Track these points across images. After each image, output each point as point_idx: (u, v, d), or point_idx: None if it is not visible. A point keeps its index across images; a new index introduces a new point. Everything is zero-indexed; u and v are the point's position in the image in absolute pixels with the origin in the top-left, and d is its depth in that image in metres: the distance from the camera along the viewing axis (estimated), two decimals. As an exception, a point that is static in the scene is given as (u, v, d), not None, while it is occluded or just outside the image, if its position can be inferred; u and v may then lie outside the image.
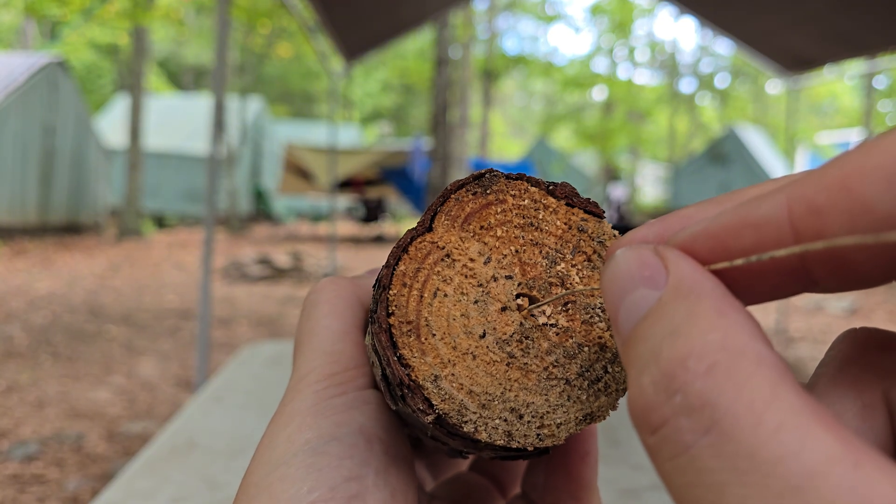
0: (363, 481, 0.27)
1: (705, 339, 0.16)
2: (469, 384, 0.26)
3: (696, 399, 0.15)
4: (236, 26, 15.19)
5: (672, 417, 0.16)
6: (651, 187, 29.39)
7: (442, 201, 0.27)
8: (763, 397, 0.15)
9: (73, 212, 11.62)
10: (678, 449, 0.15)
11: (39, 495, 2.48)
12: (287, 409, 0.30)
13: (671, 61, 23.37)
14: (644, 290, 0.19)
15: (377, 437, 0.29)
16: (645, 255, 0.20)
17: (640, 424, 0.17)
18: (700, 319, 0.17)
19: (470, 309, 0.26)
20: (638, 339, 0.18)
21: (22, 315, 5.35)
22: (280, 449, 0.28)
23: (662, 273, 0.19)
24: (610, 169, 20.04)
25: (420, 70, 15.80)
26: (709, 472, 0.15)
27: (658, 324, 0.18)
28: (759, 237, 0.19)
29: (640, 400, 0.17)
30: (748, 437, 0.14)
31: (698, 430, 0.15)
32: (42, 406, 3.38)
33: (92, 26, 14.62)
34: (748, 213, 0.19)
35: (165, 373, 3.99)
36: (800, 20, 4.26)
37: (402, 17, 5.22)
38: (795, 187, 0.18)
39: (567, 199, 0.28)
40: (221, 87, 2.99)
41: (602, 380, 0.27)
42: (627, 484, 1.14)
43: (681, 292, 0.18)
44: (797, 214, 0.18)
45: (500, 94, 28.28)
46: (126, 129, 12.23)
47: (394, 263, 0.27)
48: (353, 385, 0.31)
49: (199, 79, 28.11)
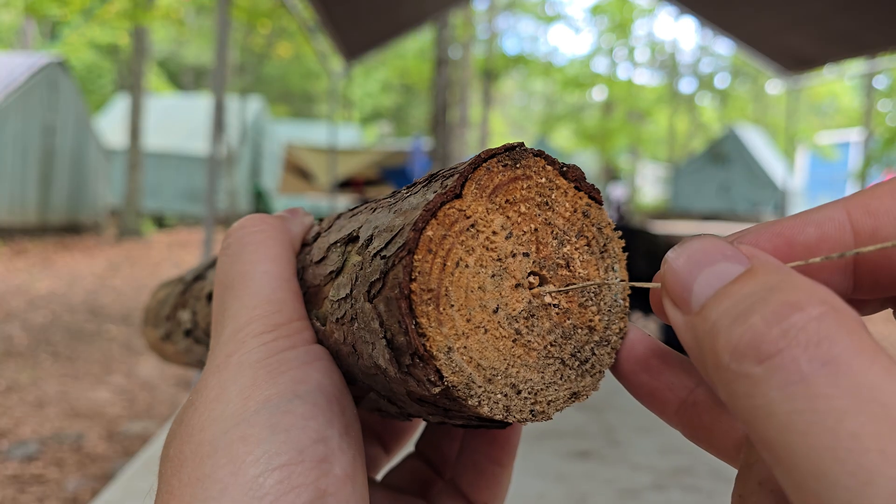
0: (329, 443, 0.26)
1: (813, 290, 0.17)
2: (478, 358, 0.26)
3: (813, 335, 0.16)
4: (236, 26, 15.18)
5: (787, 348, 0.16)
6: (651, 187, 29.37)
7: (473, 168, 0.27)
8: (872, 345, 0.16)
9: (72, 212, 11.61)
10: (794, 377, 0.16)
11: (39, 495, 2.48)
12: (231, 360, 0.28)
13: (671, 61, 23.36)
14: (726, 265, 0.19)
15: (335, 396, 0.28)
16: (719, 241, 0.21)
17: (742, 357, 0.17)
18: (797, 280, 0.18)
19: (487, 282, 0.26)
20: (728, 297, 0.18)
21: (22, 315, 5.35)
22: (234, 404, 0.26)
23: (741, 255, 0.20)
24: (610, 169, 20.01)
25: (420, 70, 15.80)
26: (825, 398, 0.15)
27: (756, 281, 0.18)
28: (820, 233, 0.21)
29: (747, 335, 0.17)
30: (865, 373, 0.15)
31: (817, 360, 0.16)
32: (42, 406, 3.38)
33: (92, 26, 14.62)
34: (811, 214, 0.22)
35: (165, 373, 3.99)
36: (800, 20, 4.26)
37: (402, 17, 5.22)
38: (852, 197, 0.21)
39: (576, 182, 0.28)
40: (221, 87, 2.99)
41: (589, 361, 0.27)
42: (627, 484, 1.14)
43: (771, 265, 0.19)
44: (855, 217, 0.21)
45: (499, 94, 28.26)
46: (126, 129, 12.22)
47: (422, 226, 0.26)
48: (301, 338, 0.30)
49: (199, 79, 28.10)
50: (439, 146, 7.99)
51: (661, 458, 1.26)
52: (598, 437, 1.42)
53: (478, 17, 17.95)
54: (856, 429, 0.15)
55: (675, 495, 1.10)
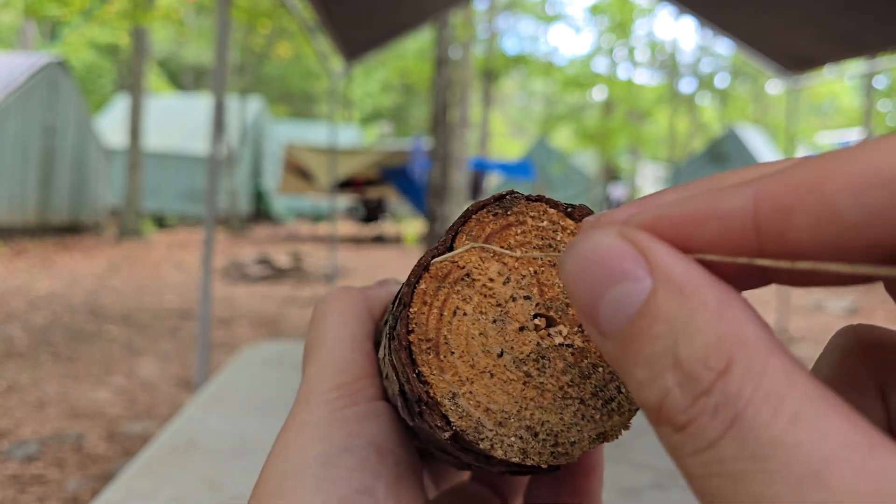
0: (374, 494, 0.27)
1: (718, 332, 0.16)
2: (486, 402, 0.26)
3: (720, 397, 0.16)
4: (236, 26, 15.19)
5: (698, 416, 0.16)
6: (651, 187, 29.40)
7: (463, 221, 0.28)
8: (779, 387, 0.15)
9: (73, 212, 11.62)
10: (703, 444, 0.16)
11: (39, 495, 2.48)
12: (297, 419, 0.30)
13: (671, 61, 23.36)
14: (627, 285, 0.18)
15: (389, 449, 0.29)
16: (615, 242, 0.18)
17: (664, 423, 0.17)
18: (706, 312, 0.17)
19: (488, 328, 0.27)
20: (639, 338, 0.17)
21: (22, 315, 5.35)
22: (292, 460, 0.28)
23: (642, 263, 0.18)
24: (610, 169, 20.04)
25: (420, 70, 15.79)
26: (731, 461, 0.15)
27: (660, 321, 0.17)
28: (722, 229, 0.18)
29: (667, 401, 0.17)
30: (767, 428, 0.15)
31: (723, 425, 0.15)
32: (42, 406, 3.38)
33: (92, 26, 14.62)
34: (714, 204, 0.18)
35: (165, 373, 3.99)
36: (800, 20, 4.26)
37: (402, 17, 5.22)
38: (764, 184, 0.17)
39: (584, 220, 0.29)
40: (221, 87, 2.99)
41: (615, 399, 0.27)
42: (628, 483, 1.14)
43: (674, 283, 0.17)
44: (763, 212, 0.17)
45: (500, 94, 28.27)
46: (126, 129, 12.23)
47: (415, 282, 0.27)
48: (364, 395, 0.31)
49: (199, 79, 28.11)
50: (439, 146, 7.99)
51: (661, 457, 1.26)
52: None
53: (478, 17, 17.94)
54: (756, 491, 0.15)
55: (675, 495, 1.10)
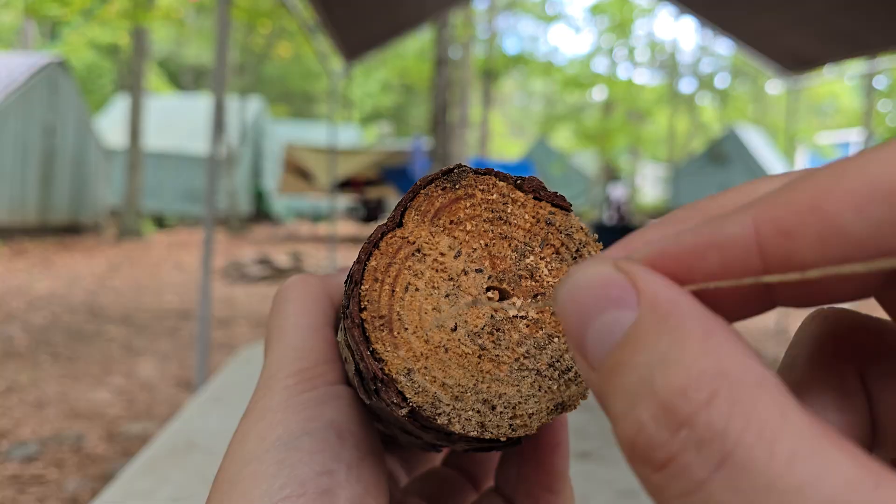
0: (335, 476, 0.27)
1: (700, 364, 0.15)
2: (442, 377, 0.26)
3: (703, 432, 0.14)
4: (236, 26, 15.19)
5: (680, 453, 0.15)
6: (651, 187, 29.37)
7: (411, 197, 0.27)
8: (772, 424, 0.14)
9: (73, 212, 11.62)
10: (690, 486, 0.14)
11: (39, 496, 2.48)
12: (258, 405, 0.31)
13: (671, 61, 23.36)
14: (615, 313, 0.17)
15: (349, 431, 0.29)
16: (606, 272, 0.18)
17: (641, 461, 0.16)
18: (688, 343, 0.16)
19: (441, 302, 0.27)
20: (620, 368, 0.17)
21: (22, 315, 5.35)
22: (251, 445, 0.28)
23: (631, 292, 0.17)
24: (610, 169, 20.01)
25: (420, 70, 15.80)
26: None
27: (641, 351, 0.16)
28: (724, 259, 0.17)
29: (641, 436, 0.16)
30: (763, 469, 0.14)
31: (710, 464, 0.14)
32: (42, 406, 3.38)
33: (92, 26, 14.62)
34: (713, 234, 0.18)
35: (165, 373, 3.99)
36: (800, 20, 4.26)
37: (402, 17, 5.22)
38: (763, 208, 0.17)
39: (534, 192, 0.28)
40: (221, 87, 2.99)
41: (572, 370, 0.27)
42: (627, 484, 1.14)
43: (659, 313, 0.17)
44: (765, 236, 0.17)
45: (500, 94, 28.27)
46: (126, 129, 12.23)
47: (365, 259, 0.27)
48: (323, 380, 0.31)
49: (199, 79, 28.10)
50: (439, 146, 7.99)
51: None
52: (598, 438, 1.42)
53: (478, 17, 17.96)
54: None
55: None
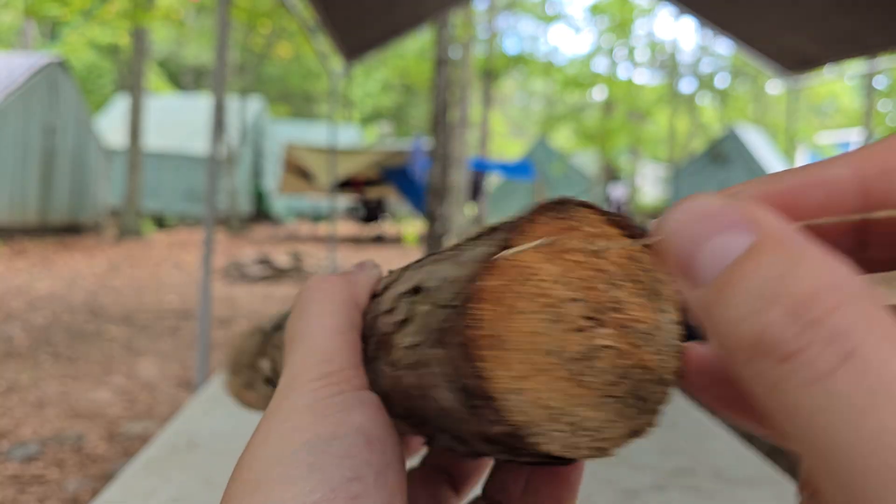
0: (364, 481, 0.28)
1: (826, 277, 0.17)
2: (539, 398, 0.27)
3: (833, 329, 0.16)
4: (236, 26, 15.18)
5: (808, 346, 0.16)
6: (651, 187, 29.38)
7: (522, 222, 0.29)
8: (892, 330, 0.15)
9: (73, 212, 11.62)
10: (815, 375, 0.16)
11: (39, 496, 2.48)
12: (283, 405, 0.31)
13: (671, 61, 23.35)
14: (730, 235, 0.18)
15: (376, 437, 0.30)
16: (720, 202, 0.19)
17: (766, 354, 0.17)
18: (813, 261, 0.17)
19: (544, 327, 0.28)
20: (741, 278, 0.18)
21: (22, 315, 5.35)
22: (276, 446, 0.28)
23: (745, 219, 0.18)
24: (610, 169, 20.03)
25: (420, 70, 15.79)
26: (846, 395, 0.15)
27: (766, 263, 0.17)
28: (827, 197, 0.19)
29: (769, 331, 0.17)
30: (888, 362, 0.15)
31: (837, 357, 0.15)
32: (42, 406, 3.38)
33: (92, 26, 14.62)
34: (817, 173, 0.20)
35: (165, 373, 3.99)
36: (800, 20, 4.26)
37: (402, 17, 5.22)
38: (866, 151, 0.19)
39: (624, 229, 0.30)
40: (221, 87, 2.99)
41: (647, 399, 0.29)
42: (628, 484, 1.14)
43: (779, 238, 0.18)
44: (868, 175, 0.19)
45: (500, 94, 28.26)
46: (126, 129, 12.23)
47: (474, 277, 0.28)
48: (350, 385, 0.32)
49: (199, 79, 28.11)
50: (439, 146, 7.99)
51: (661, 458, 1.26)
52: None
53: (478, 17, 17.94)
54: (877, 425, 0.14)
55: (675, 495, 1.10)
